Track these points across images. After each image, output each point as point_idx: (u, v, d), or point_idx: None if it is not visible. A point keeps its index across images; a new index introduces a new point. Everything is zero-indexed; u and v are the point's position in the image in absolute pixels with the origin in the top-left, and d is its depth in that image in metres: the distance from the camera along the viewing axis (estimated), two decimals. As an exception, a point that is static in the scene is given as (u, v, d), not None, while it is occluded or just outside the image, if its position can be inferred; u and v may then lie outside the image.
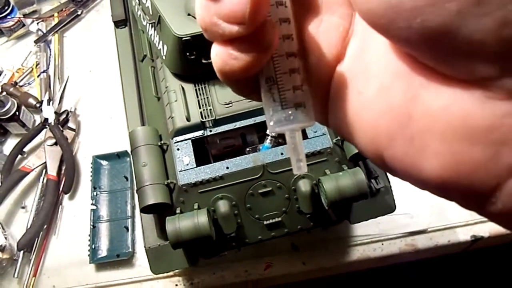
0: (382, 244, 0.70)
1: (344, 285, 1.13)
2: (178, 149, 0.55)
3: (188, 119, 0.55)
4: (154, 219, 0.57)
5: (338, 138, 0.54)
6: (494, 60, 0.14)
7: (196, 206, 0.52)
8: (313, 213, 0.54)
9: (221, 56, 0.18)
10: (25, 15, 0.95)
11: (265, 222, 0.55)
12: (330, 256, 0.70)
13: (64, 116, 0.81)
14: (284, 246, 0.70)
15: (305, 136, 0.54)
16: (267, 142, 0.55)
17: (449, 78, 0.15)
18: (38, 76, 0.87)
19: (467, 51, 0.14)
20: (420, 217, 0.70)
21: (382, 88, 0.17)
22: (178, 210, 0.52)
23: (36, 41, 0.91)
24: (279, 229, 0.56)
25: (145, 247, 0.56)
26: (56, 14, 0.96)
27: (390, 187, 0.57)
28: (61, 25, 0.94)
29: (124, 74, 0.66)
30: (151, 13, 0.56)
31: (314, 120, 0.19)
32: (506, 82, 0.14)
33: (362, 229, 0.70)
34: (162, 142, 0.56)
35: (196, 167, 0.53)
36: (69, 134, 0.80)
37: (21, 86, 0.87)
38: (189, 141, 0.55)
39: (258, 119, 0.55)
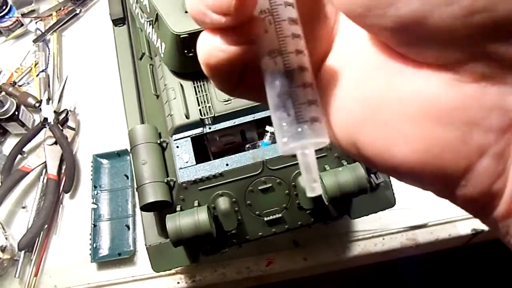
0: (383, 239, 0.70)
1: (347, 281, 1.13)
2: (177, 147, 0.55)
3: (187, 117, 0.55)
4: (154, 217, 0.57)
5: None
6: (462, 45, 0.14)
7: (196, 204, 0.52)
8: (314, 209, 0.54)
9: (207, 47, 0.18)
10: (23, 15, 0.95)
11: (265, 219, 0.55)
12: (331, 252, 0.70)
13: (63, 115, 0.81)
14: (286, 243, 0.70)
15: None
16: (267, 138, 0.55)
17: (421, 64, 0.16)
18: (37, 75, 0.87)
19: (436, 38, 0.15)
20: (420, 212, 0.70)
21: (359, 78, 0.18)
22: (178, 208, 0.52)
23: (34, 41, 0.91)
24: (280, 225, 0.56)
25: (145, 245, 0.56)
26: (54, 13, 0.96)
27: (390, 182, 0.57)
28: (60, 24, 0.93)
29: (123, 72, 0.66)
30: (148, 11, 0.56)
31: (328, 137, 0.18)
32: (473, 66, 0.15)
33: (363, 224, 0.70)
34: (162, 140, 0.56)
35: (196, 164, 0.53)
36: (69, 133, 0.80)
37: (20, 85, 0.87)
38: (189, 138, 0.55)
39: (258, 115, 0.55)
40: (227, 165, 0.53)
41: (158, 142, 0.56)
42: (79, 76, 0.89)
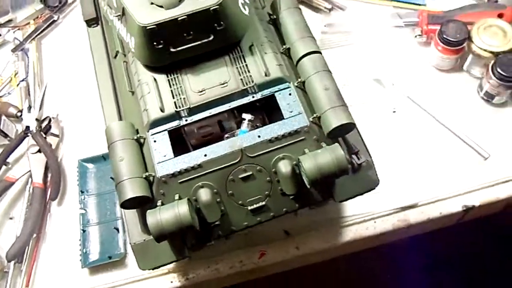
0: (375, 222, 0.69)
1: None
2: (155, 141, 0.54)
3: (162, 110, 0.54)
4: (137, 214, 0.56)
5: (315, 115, 0.53)
6: None
7: (177, 197, 0.51)
8: (297, 194, 0.53)
9: None
10: (0, 25, 0.94)
11: (249, 208, 0.54)
12: (323, 239, 0.69)
13: (46, 122, 0.80)
14: (277, 233, 0.69)
15: (281, 116, 0.53)
16: (244, 126, 0.55)
17: None
18: (17, 85, 0.86)
19: None
20: (409, 192, 0.69)
21: None
22: (159, 203, 0.51)
23: (13, 50, 0.90)
24: (265, 213, 0.55)
25: (130, 243, 0.55)
26: (32, 22, 0.95)
27: (372, 161, 0.57)
28: (38, 32, 0.93)
29: (99, 71, 0.66)
30: (115, 6, 0.55)
31: None
32: None
33: (353, 208, 0.69)
34: (139, 136, 0.55)
35: (174, 157, 0.53)
36: (53, 140, 0.79)
37: (1, 96, 0.87)
38: (166, 132, 0.54)
39: (234, 104, 0.55)
40: (205, 155, 0.52)
41: (135, 138, 0.55)
42: (61, 82, 0.88)
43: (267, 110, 0.58)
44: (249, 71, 0.55)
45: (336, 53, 0.83)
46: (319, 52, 0.56)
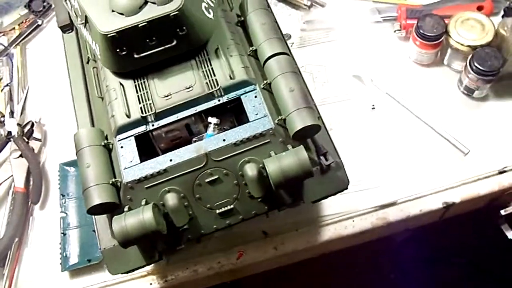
0: (353, 220, 0.69)
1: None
2: (122, 147, 0.54)
3: (128, 116, 0.54)
4: (107, 219, 0.57)
5: (280, 117, 0.52)
6: None
7: (143, 202, 0.52)
8: (265, 197, 0.53)
9: None
10: (-15, 32, 0.95)
11: (217, 211, 0.54)
12: (301, 238, 0.69)
13: (28, 127, 0.81)
14: (255, 233, 0.69)
15: (246, 119, 0.53)
16: (210, 129, 0.54)
17: None
18: (1, 90, 0.87)
19: None
20: (388, 190, 0.69)
21: None
22: (126, 208, 0.52)
23: (-3, 56, 0.91)
24: (234, 216, 0.55)
25: (100, 248, 0.55)
26: (17, 27, 0.96)
27: (341, 162, 0.56)
28: (22, 37, 0.93)
29: (72, 77, 0.66)
30: (80, 13, 0.55)
31: None
32: None
33: (332, 208, 0.69)
34: (107, 142, 0.55)
35: (140, 163, 0.53)
36: (35, 144, 0.80)
37: (-14, 102, 0.87)
38: (132, 137, 0.54)
39: (200, 107, 0.54)
40: (170, 160, 0.52)
41: (103, 144, 0.55)
42: (45, 86, 0.88)
43: (237, 112, 0.58)
44: (214, 75, 0.54)
45: (316, 50, 0.82)
46: (286, 53, 0.56)
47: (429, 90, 0.76)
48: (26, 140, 0.79)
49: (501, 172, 0.68)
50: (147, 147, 0.56)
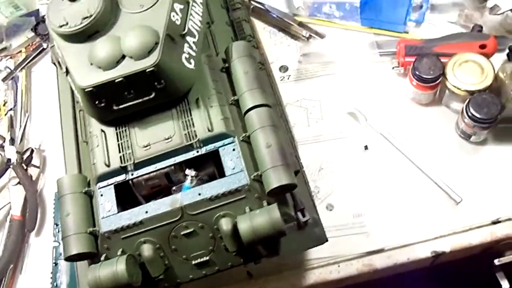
0: (339, 266, 0.68)
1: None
2: (101, 195, 0.55)
3: (108, 165, 0.54)
4: (87, 263, 0.58)
5: (257, 173, 0.52)
6: None
7: (119, 252, 0.52)
8: (241, 250, 0.53)
9: None
10: (-6, 54, 0.97)
11: (193, 262, 0.54)
12: (286, 281, 0.68)
13: (28, 154, 0.83)
14: (240, 274, 0.69)
15: (222, 174, 0.53)
16: (187, 182, 0.55)
17: None
18: (5, 114, 0.89)
19: None
20: (376, 236, 0.67)
21: None
22: (103, 257, 0.52)
23: (3, 79, 0.94)
24: (210, 267, 0.55)
25: (79, 292, 0.57)
26: (23, 50, 0.98)
27: (319, 218, 0.55)
28: (28, 60, 0.96)
29: (63, 116, 0.67)
30: (62, 62, 0.56)
31: None
32: None
33: (317, 252, 0.68)
34: (88, 189, 0.56)
35: (118, 213, 0.53)
36: (34, 171, 0.82)
37: (-9, 125, 0.90)
38: (112, 186, 0.55)
39: (178, 158, 0.54)
40: (146, 212, 0.53)
41: (84, 191, 0.56)
42: (47, 110, 0.90)
43: (218, 161, 0.58)
44: (193, 126, 0.54)
45: (312, 84, 0.81)
46: (267, 105, 0.55)
47: (425, 131, 0.73)
48: (25, 167, 0.81)
49: (494, 223, 0.66)
50: (129, 193, 0.57)
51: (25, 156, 0.83)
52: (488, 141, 0.71)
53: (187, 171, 0.54)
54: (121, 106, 0.53)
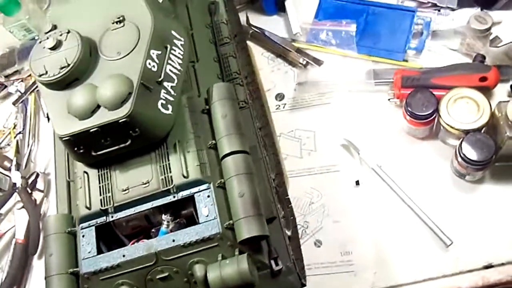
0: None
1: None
2: (83, 236, 0.57)
3: (89, 208, 0.56)
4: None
5: (230, 221, 0.52)
6: None
7: (98, 294, 0.54)
8: (214, 296, 0.54)
9: None
10: (7, 76, 1.01)
11: (169, 305, 0.55)
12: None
13: (33, 178, 0.86)
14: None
15: (195, 222, 0.54)
16: (164, 226, 0.55)
17: None
18: (14, 137, 0.93)
19: None
20: (362, 276, 0.66)
21: None
22: (83, 298, 0.54)
23: (14, 103, 0.98)
24: (185, 310, 0.56)
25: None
26: (34, 73, 1.01)
27: (293, 266, 0.55)
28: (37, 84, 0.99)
29: (57, 157, 0.68)
30: (44, 108, 0.58)
31: None
32: None
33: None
34: (73, 228, 0.58)
35: (97, 254, 0.55)
36: (38, 195, 0.86)
37: (1, 148, 0.94)
38: (93, 228, 0.57)
39: (156, 203, 0.55)
40: (123, 256, 0.54)
41: (68, 230, 0.58)
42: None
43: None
44: (170, 171, 0.55)
45: (307, 113, 0.80)
46: (245, 152, 0.55)
47: (419, 166, 0.71)
48: (30, 191, 0.85)
49: (486, 267, 0.63)
50: (113, 232, 0.59)
51: (30, 180, 0.86)
52: (484, 180, 0.68)
53: (163, 216, 0.55)
54: (99, 153, 0.54)
